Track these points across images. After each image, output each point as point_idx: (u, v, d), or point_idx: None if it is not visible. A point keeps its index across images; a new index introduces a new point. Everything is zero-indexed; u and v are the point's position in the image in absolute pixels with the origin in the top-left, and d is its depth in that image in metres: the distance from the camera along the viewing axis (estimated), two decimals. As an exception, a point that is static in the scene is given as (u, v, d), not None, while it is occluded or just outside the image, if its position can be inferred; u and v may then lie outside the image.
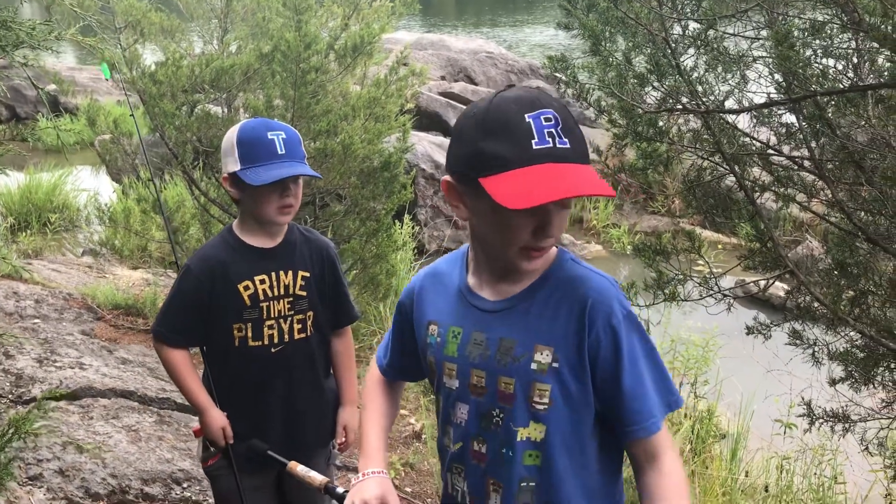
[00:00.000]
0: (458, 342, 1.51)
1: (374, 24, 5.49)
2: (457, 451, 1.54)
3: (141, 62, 5.35)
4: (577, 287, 1.44)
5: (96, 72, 15.55)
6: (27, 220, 8.65)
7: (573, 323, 1.42)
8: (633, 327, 1.43)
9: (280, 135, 2.23)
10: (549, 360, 1.42)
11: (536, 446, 1.45)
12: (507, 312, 1.47)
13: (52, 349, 4.79)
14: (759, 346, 3.94)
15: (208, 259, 2.33)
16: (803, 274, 3.03)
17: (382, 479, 1.59)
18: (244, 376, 2.35)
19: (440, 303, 1.58)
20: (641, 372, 1.42)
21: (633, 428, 1.43)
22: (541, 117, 1.31)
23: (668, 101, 2.88)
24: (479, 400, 1.49)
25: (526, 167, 1.30)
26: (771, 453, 4.69)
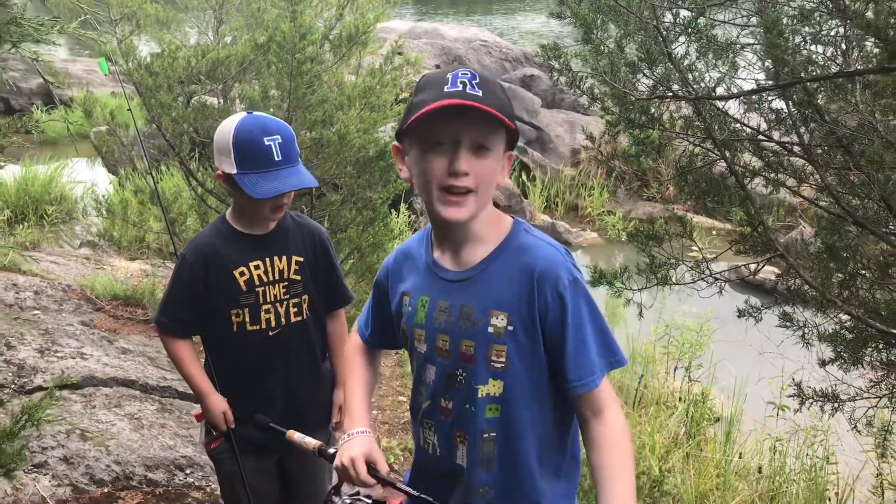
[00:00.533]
0: (426, 310, 1.66)
1: (368, 13, 5.52)
2: (427, 408, 1.68)
3: (137, 54, 5.37)
4: (527, 256, 1.58)
5: (89, 63, 15.52)
6: (24, 212, 8.66)
7: (524, 289, 1.55)
8: (579, 293, 1.56)
9: (276, 139, 2.25)
10: (504, 323, 1.56)
11: (495, 400, 1.59)
12: (467, 282, 1.61)
13: (53, 340, 4.83)
14: (752, 330, 4.00)
15: (202, 247, 2.38)
16: (793, 258, 3.08)
17: (367, 438, 1.72)
18: (244, 361, 2.40)
19: (411, 276, 1.72)
20: (585, 334, 1.55)
21: (574, 384, 1.56)
22: (459, 72, 1.49)
23: (660, 88, 2.92)
24: (444, 362, 1.63)
25: (437, 102, 1.47)
26: (764, 435, 4.76)
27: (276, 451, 2.48)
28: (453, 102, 1.46)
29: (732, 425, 4.90)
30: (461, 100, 1.46)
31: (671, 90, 2.91)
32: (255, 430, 2.36)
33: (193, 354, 2.47)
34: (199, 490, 3.57)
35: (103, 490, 3.43)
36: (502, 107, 1.51)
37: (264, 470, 2.49)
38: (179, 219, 5.76)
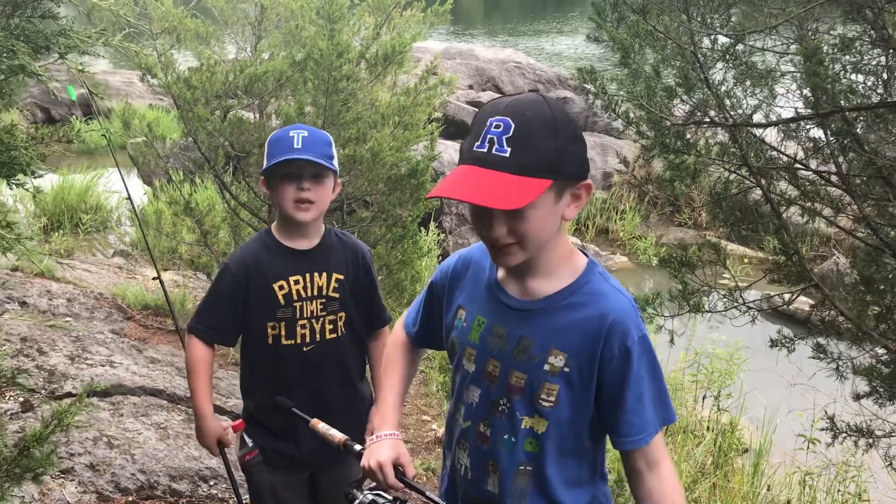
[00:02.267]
0: (481, 331, 1.63)
1: (405, 33, 5.56)
2: (465, 429, 1.66)
3: (176, 67, 5.46)
4: (599, 302, 1.53)
5: (129, 75, 15.80)
6: (60, 220, 8.81)
7: (591, 335, 1.52)
8: (644, 350, 1.53)
9: (301, 132, 2.28)
10: (561, 364, 1.53)
11: (536, 436, 1.57)
12: (530, 314, 1.57)
13: (84, 347, 4.89)
14: (783, 361, 3.94)
15: (245, 259, 2.39)
16: (828, 288, 3.04)
17: (396, 441, 1.70)
18: (276, 373, 2.40)
19: (470, 290, 1.69)
20: (643, 391, 1.53)
21: (626, 439, 1.55)
22: (493, 123, 1.41)
23: (697, 113, 2.90)
24: (490, 387, 1.61)
25: (459, 165, 1.44)
26: (793, 468, 4.67)
27: (308, 465, 2.46)
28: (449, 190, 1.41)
29: (761, 457, 4.82)
30: (467, 190, 1.39)
31: (708, 116, 2.89)
32: (277, 411, 2.32)
33: (208, 370, 2.45)
34: (223, 502, 3.58)
35: (128, 498, 3.45)
36: (540, 160, 1.40)
37: (295, 484, 2.48)
38: (212, 231, 5.82)
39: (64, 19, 1.64)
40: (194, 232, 5.98)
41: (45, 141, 2.23)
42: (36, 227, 8.59)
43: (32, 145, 2.01)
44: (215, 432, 2.46)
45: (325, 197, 2.33)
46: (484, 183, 1.38)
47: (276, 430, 2.42)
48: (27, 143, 1.98)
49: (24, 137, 1.99)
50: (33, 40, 1.58)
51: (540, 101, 1.45)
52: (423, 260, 6.71)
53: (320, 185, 2.31)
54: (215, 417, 2.48)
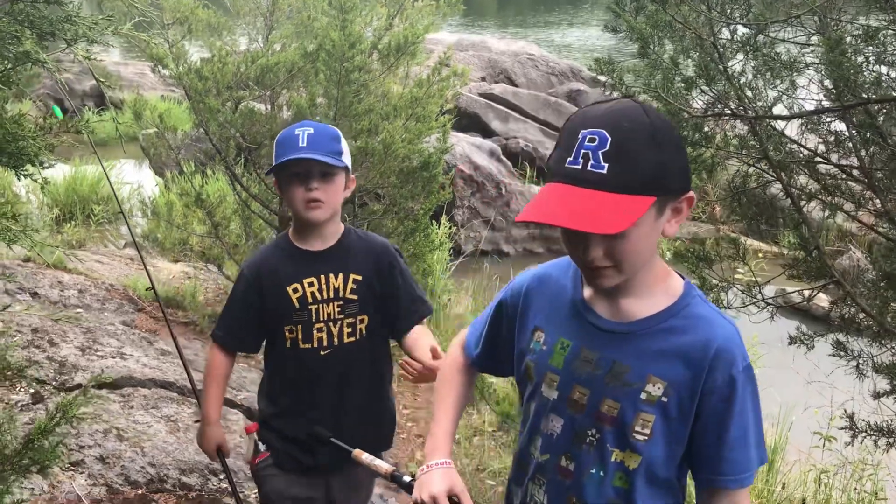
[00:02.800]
0: (566, 355, 1.49)
1: (418, 23, 5.51)
2: (542, 462, 1.53)
3: (187, 58, 5.43)
4: (705, 328, 1.42)
5: (141, 67, 15.81)
6: (72, 211, 8.82)
7: (693, 364, 1.40)
8: (748, 380, 1.41)
9: (307, 130, 2.22)
10: (659, 392, 1.41)
11: (627, 472, 1.45)
12: (626, 337, 1.44)
13: (94, 338, 4.88)
14: (800, 357, 3.87)
15: (258, 263, 2.35)
16: (849, 284, 2.98)
17: (448, 471, 1.58)
18: (296, 378, 2.34)
19: (549, 310, 1.55)
20: (748, 425, 1.41)
21: (727, 478, 1.42)
22: (587, 136, 1.28)
23: (717, 105, 2.85)
24: (575, 416, 1.47)
25: (551, 182, 1.32)
26: (809, 466, 4.61)
27: (323, 473, 2.38)
28: (546, 214, 1.28)
29: (776, 454, 4.76)
30: (563, 215, 1.26)
31: (729, 108, 2.83)
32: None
33: (221, 377, 2.42)
34: (232, 496, 3.55)
35: (137, 491, 3.43)
36: (641, 175, 1.28)
37: (311, 499, 2.40)
38: (223, 223, 5.80)
39: (70, 5, 1.61)
40: (205, 223, 5.96)
41: (53, 131, 2.20)
42: (48, 218, 8.60)
43: (41, 136, 1.98)
44: (217, 438, 2.41)
45: (335, 195, 2.25)
46: (581, 205, 1.26)
47: (291, 435, 2.35)
48: (35, 133, 1.95)
49: (32, 128, 1.96)
50: (38, 26, 1.55)
51: (637, 109, 1.32)
52: (435, 254, 6.67)
53: (329, 183, 2.23)
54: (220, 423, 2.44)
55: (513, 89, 13.44)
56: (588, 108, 1.36)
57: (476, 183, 9.67)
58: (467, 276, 7.99)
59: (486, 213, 9.65)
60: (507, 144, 11.52)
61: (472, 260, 8.64)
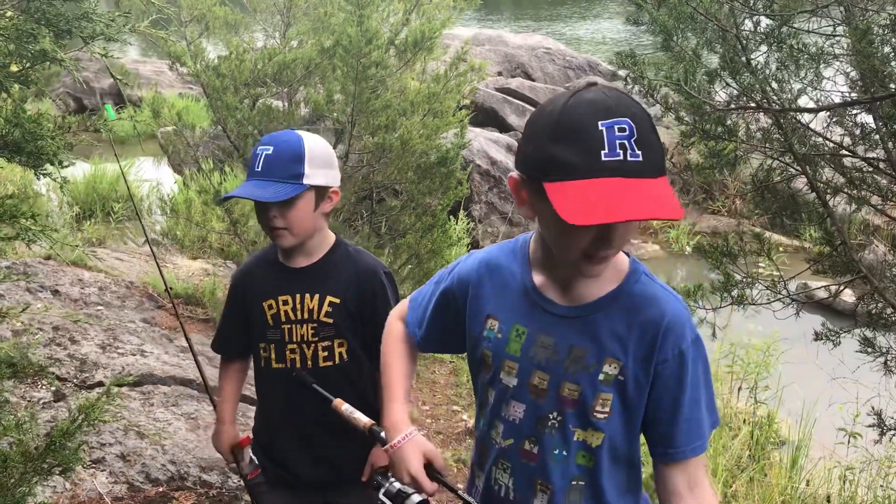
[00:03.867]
0: (522, 342, 1.51)
1: (434, 18, 5.48)
2: (506, 447, 1.55)
3: (205, 56, 5.43)
4: (651, 306, 1.45)
5: (159, 65, 15.88)
6: (92, 209, 8.87)
7: (645, 341, 1.43)
8: (698, 352, 1.45)
9: (267, 150, 2.06)
10: (615, 372, 1.44)
11: (590, 450, 1.48)
12: (580, 320, 1.47)
13: (115, 336, 4.90)
14: (823, 353, 3.82)
15: (243, 273, 2.29)
16: (876, 279, 2.92)
17: (417, 440, 1.60)
18: (270, 397, 2.27)
19: (501, 297, 1.56)
20: (699, 395, 1.45)
21: (683, 449, 1.45)
22: (615, 127, 1.26)
23: (742, 98, 2.80)
24: (537, 402, 1.50)
25: (591, 179, 1.26)
26: (834, 463, 4.55)
27: (318, 492, 2.29)
28: (621, 211, 1.23)
29: (800, 450, 4.70)
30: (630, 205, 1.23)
31: (754, 100, 2.78)
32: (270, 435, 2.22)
33: (233, 381, 2.38)
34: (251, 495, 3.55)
35: (158, 489, 3.43)
36: (660, 157, 1.30)
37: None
38: (241, 220, 5.81)
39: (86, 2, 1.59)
40: (224, 221, 5.97)
41: (72, 130, 2.19)
42: (68, 216, 8.65)
43: (59, 135, 1.97)
44: (230, 438, 2.36)
45: (298, 220, 2.08)
46: (642, 194, 1.25)
47: (270, 455, 2.30)
48: (54, 132, 1.94)
49: (51, 127, 1.95)
50: (55, 24, 1.53)
51: (629, 97, 1.33)
52: (453, 249, 6.65)
53: (290, 208, 2.06)
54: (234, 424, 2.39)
55: (529, 83, 13.38)
56: (581, 99, 1.30)
57: (493, 178, 9.63)
58: (485, 272, 7.95)
59: (504, 207, 9.61)
60: (524, 139, 11.46)
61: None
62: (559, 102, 1.33)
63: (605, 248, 1.35)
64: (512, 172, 1.43)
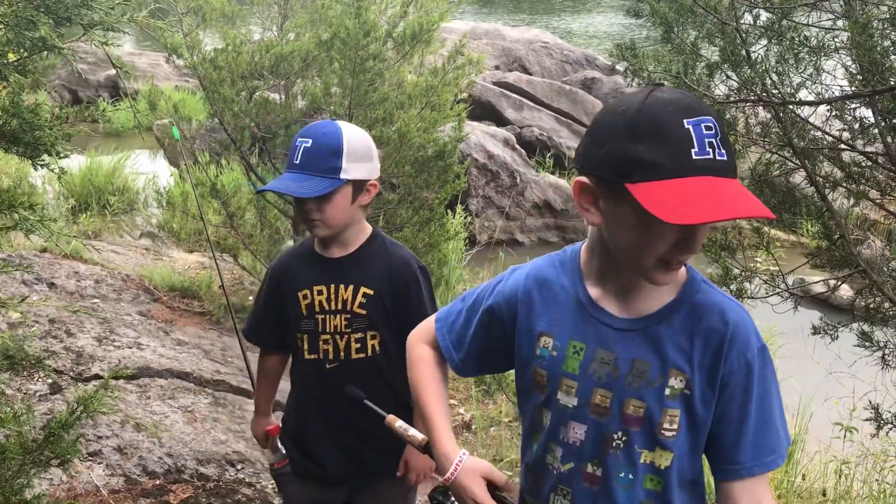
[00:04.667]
0: (581, 359, 1.44)
1: (432, 11, 5.46)
2: (566, 472, 1.47)
3: (202, 48, 5.41)
4: (714, 315, 1.39)
5: (155, 57, 15.81)
6: (87, 201, 8.83)
7: (710, 352, 1.37)
8: (766, 362, 1.38)
9: (306, 143, 2.07)
10: (682, 385, 1.38)
11: (658, 472, 1.41)
12: (641, 333, 1.40)
13: (111, 329, 4.89)
14: (820, 347, 3.82)
15: (280, 263, 2.30)
16: (875, 274, 2.92)
17: (469, 464, 1.54)
18: (304, 388, 2.27)
19: (553, 313, 1.49)
20: (771, 409, 1.38)
21: (750, 465, 1.37)
22: (701, 125, 1.23)
23: (741, 91, 2.79)
24: (599, 421, 1.42)
25: (683, 178, 1.23)
26: (829, 457, 4.56)
27: (342, 486, 2.29)
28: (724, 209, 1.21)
29: (796, 445, 4.71)
30: (730, 203, 1.21)
31: (754, 93, 2.77)
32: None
33: (270, 376, 2.40)
34: (250, 486, 3.55)
35: (155, 482, 3.43)
36: (736, 166, 1.29)
37: (325, 498, 2.31)
38: (238, 213, 5.79)
39: (85, -11, 1.59)
40: (220, 214, 5.96)
41: (69, 121, 2.18)
42: (64, 208, 8.62)
43: (57, 125, 1.96)
44: (265, 427, 2.40)
45: (335, 213, 2.10)
46: (733, 193, 1.23)
47: (299, 445, 2.30)
48: (52, 123, 1.93)
49: (49, 118, 1.94)
50: (54, 11, 1.52)
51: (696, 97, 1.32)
52: (450, 243, 6.63)
53: (327, 202, 2.08)
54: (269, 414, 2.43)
55: (527, 77, 13.36)
56: (660, 98, 1.28)
57: (490, 172, 9.62)
58: (482, 266, 7.96)
59: (501, 202, 9.60)
60: (521, 133, 11.46)
61: (487, 249, 8.60)
62: (634, 102, 1.29)
63: (685, 252, 1.31)
64: (578, 177, 1.36)
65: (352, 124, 2.17)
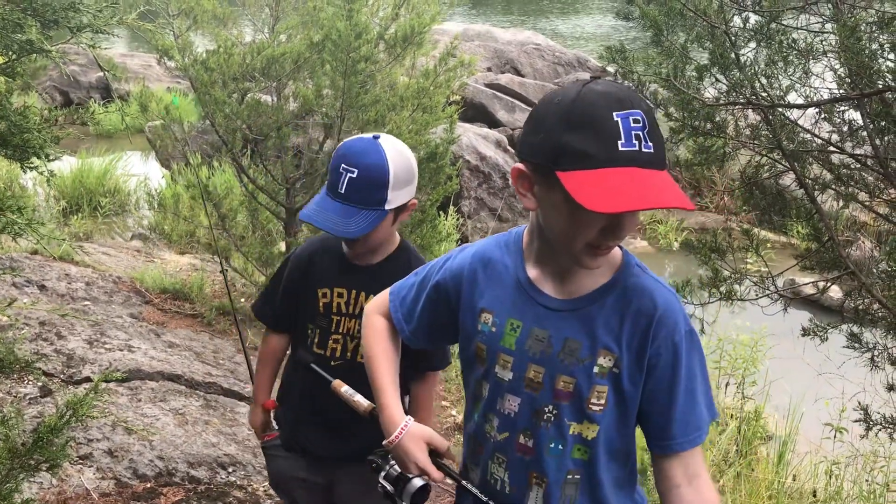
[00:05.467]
0: (517, 335, 1.51)
1: (424, 13, 5.47)
2: (501, 441, 1.54)
3: (193, 49, 5.39)
4: (644, 298, 1.45)
5: (147, 59, 15.77)
6: (79, 203, 8.80)
7: (638, 333, 1.44)
8: (693, 344, 1.46)
9: (352, 173, 2.01)
10: (610, 364, 1.45)
11: (586, 443, 1.48)
12: (574, 313, 1.47)
13: (102, 331, 4.87)
14: (810, 349, 3.84)
15: (303, 253, 2.28)
16: (863, 275, 2.94)
17: (411, 430, 1.59)
18: (305, 375, 2.24)
19: (494, 291, 1.56)
20: (695, 387, 1.46)
21: (680, 440, 1.45)
22: (630, 118, 1.29)
23: (731, 94, 2.80)
24: (532, 395, 1.49)
25: (609, 168, 1.28)
26: (820, 458, 4.58)
27: (330, 464, 2.30)
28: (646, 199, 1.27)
29: (786, 445, 4.73)
30: (652, 193, 1.27)
31: (744, 96, 2.79)
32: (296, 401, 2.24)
33: (272, 362, 2.40)
34: (241, 489, 3.54)
35: (146, 485, 3.42)
36: (664, 149, 1.33)
37: (311, 484, 2.34)
38: (230, 215, 5.78)
39: (71, -8, 1.58)
40: (212, 215, 5.94)
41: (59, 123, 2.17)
42: (55, 210, 8.59)
43: (46, 128, 1.95)
44: (260, 419, 2.43)
45: (375, 238, 2.11)
46: (656, 184, 1.29)
47: (291, 425, 2.34)
48: (40, 125, 1.92)
49: (38, 120, 1.93)
50: (41, 14, 1.52)
51: (635, 92, 1.39)
52: (443, 245, 6.63)
53: (370, 232, 2.07)
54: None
55: (519, 79, 13.37)
56: (593, 90, 1.32)
57: (483, 173, 9.63)
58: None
59: (493, 203, 9.61)
60: (513, 135, 11.46)
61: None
62: (569, 93, 1.34)
63: (612, 239, 1.37)
64: (515, 164, 1.43)
65: (393, 139, 2.11)
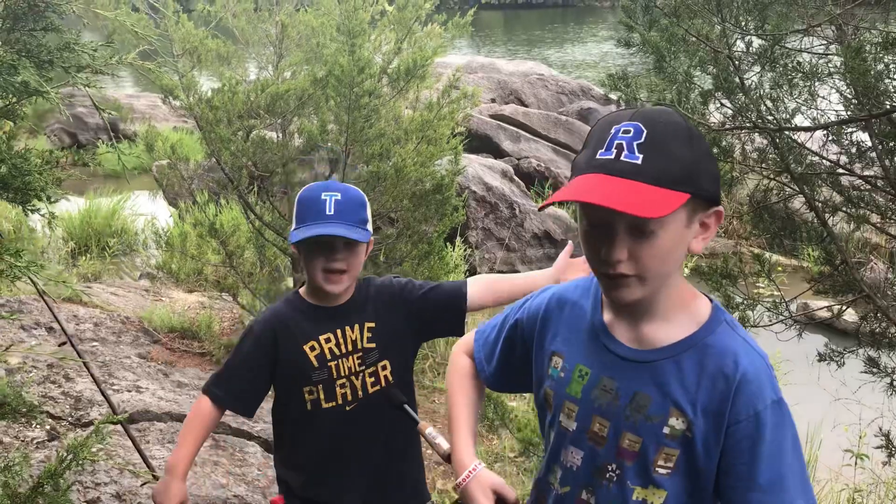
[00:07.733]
0: (584, 383, 1.41)
1: (426, 47, 5.49)
2: (562, 495, 1.46)
3: (198, 88, 5.43)
4: (726, 358, 1.31)
5: (154, 99, 15.93)
6: (87, 244, 8.83)
7: (717, 395, 1.30)
8: (782, 418, 1.29)
9: (335, 196, 2.10)
10: (683, 427, 1.31)
11: None
12: (646, 366, 1.35)
13: (110, 372, 4.84)
14: (825, 374, 3.77)
15: (271, 320, 2.23)
16: (879, 298, 2.89)
17: (480, 475, 1.54)
18: (321, 439, 2.21)
19: (567, 334, 1.47)
20: (783, 470, 1.28)
21: None
22: (622, 129, 1.24)
23: (736, 118, 2.78)
24: (595, 449, 1.39)
25: (582, 175, 1.26)
26: (841, 485, 4.49)
27: None
28: (587, 197, 1.20)
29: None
30: (597, 194, 1.20)
31: (750, 120, 2.76)
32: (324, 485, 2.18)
33: (203, 430, 2.23)
34: (251, 531, 3.48)
35: (154, 529, 3.36)
36: (676, 170, 1.22)
37: None
38: (237, 252, 5.77)
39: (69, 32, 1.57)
40: (219, 253, 5.94)
41: (62, 165, 2.17)
42: (63, 251, 8.62)
43: (47, 170, 1.94)
44: (181, 496, 2.20)
45: (357, 264, 2.15)
46: (615, 189, 1.20)
47: (323, 500, 2.22)
48: (41, 167, 1.91)
49: (39, 162, 1.92)
50: (36, 55, 1.51)
51: (670, 111, 1.30)
52: (450, 276, 6.61)
53: (353, 254, 2.13)
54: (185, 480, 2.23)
55: (523, 109, 13.42)
56: (619, 111, 1.32)
57: (489, 204, 9.62)
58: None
59: (500, 233, 9.58)
60: (519, 164, 11.48)
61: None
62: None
63: (609, 254, 1.26)
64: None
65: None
